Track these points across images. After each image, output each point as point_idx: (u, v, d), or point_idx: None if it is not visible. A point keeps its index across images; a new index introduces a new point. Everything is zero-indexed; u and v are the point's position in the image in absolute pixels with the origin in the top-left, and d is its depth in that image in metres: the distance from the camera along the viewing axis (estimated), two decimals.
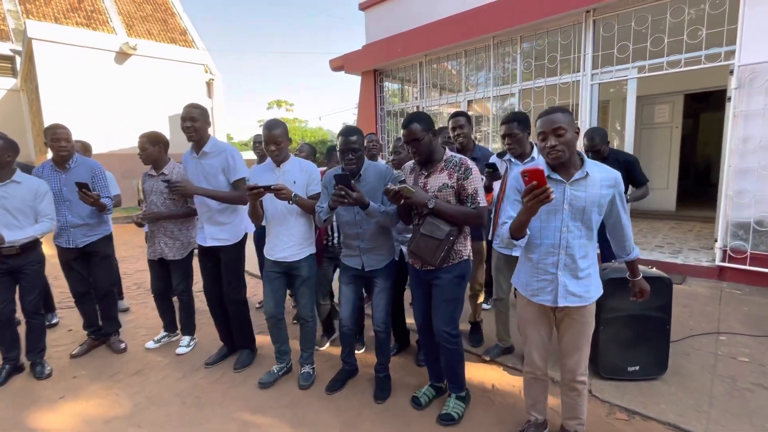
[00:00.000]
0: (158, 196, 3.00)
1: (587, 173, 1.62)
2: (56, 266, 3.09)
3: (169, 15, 16.46)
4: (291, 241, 2.51)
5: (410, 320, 2.99)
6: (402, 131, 2.02)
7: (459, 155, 2.06)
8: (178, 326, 3.35)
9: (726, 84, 4.30)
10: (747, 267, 4.04)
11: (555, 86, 5.28)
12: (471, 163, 2.00)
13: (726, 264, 4.18)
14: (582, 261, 1.69)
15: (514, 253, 2.69)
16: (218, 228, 2.76)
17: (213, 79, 15.79)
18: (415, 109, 7.21)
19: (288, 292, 3.13)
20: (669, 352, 2.48)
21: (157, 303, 3.28)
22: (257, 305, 4.06)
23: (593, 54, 4.89)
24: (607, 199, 1.65)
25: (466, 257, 2.10)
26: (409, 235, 2.66)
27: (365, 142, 2.52)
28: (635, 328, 2.44)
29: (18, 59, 15.66)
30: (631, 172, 3.14)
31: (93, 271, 3.13)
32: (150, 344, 3.27)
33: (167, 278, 3.17)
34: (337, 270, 3.15)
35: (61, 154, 2.91)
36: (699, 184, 10.35)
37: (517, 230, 1.63)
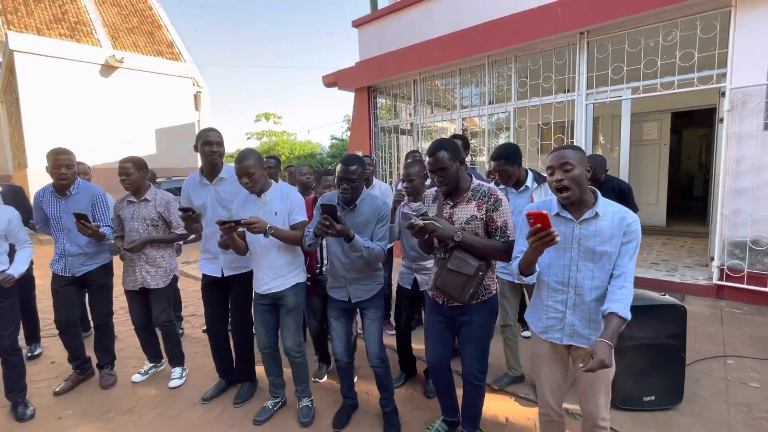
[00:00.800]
0: (140, 223, 2.87)
1: (597, 213, 1.57)
2: (43, 292, 2.90)
3: (156, 27, 16.25)
4: (275, 273, 2.39)
5: (416, 345, 2.91)
6: (427, 159, 1.89)
7: (486, 184, 1.95)
8: (164, 355, 3.19)
9: (711, 103, 4.42)
10: (744, 285, 4.08)
11: (550, 105, 5.33)
12: (500, 193, 1.89)
13: (723, 282, 4.22)
14: (595, 303, 1.60)
15: (517, 281, 2.64)
16: (236, 255, 2.61)
17: (200, 92, 15.62)
18: (409, 126, 7.20)
19: None
20: (684, 380, 2.44)
21: (140, 335, 3.10)
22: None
23: (588, 74, 4.96)
24: (617, 242, 1.55)
25: (494, 292, 2.00)
26: (424, 263, 2.59)
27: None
28: (650, 357, 2.39)
29: None
30: (623, 200, 3.15)
31: (89, 300, 2.99)
32: (137, 377, 3.09)
33: (149, 308, 3.02)
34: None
35: (61, 182, 2.77)
36: (683, 198, 10.60)
37: (525, 267, 1.61)
